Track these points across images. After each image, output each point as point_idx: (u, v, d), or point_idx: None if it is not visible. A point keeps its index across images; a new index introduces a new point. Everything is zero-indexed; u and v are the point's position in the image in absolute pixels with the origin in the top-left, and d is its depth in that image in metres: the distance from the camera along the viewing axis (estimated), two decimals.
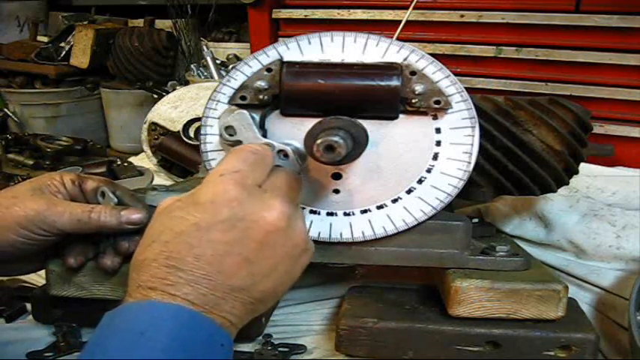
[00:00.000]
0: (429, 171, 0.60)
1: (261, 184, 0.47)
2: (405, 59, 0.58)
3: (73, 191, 0.62)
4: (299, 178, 0.52)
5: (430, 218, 0.61)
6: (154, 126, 1.17)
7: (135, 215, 0.59)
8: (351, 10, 1.18)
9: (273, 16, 1.26)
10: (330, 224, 0.62)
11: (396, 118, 0.58)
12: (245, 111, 0.57)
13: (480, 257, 0.64)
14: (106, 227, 0.59)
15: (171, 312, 0.39)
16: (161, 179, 1.22)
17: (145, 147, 1.20)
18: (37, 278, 0.82)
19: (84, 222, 0.58)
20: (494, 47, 1.07)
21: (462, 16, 1.08)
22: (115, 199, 0.62)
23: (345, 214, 0.62)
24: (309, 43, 0.59)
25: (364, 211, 0.61)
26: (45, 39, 2.08)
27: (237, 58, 1.69)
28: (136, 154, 1.44)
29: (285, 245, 0.44)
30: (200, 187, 0.44)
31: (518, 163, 0.67)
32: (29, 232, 0.57)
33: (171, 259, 0.41)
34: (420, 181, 0.60)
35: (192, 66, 1.58)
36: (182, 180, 1.12)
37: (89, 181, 0.63)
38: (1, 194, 0.59)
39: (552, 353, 0.62)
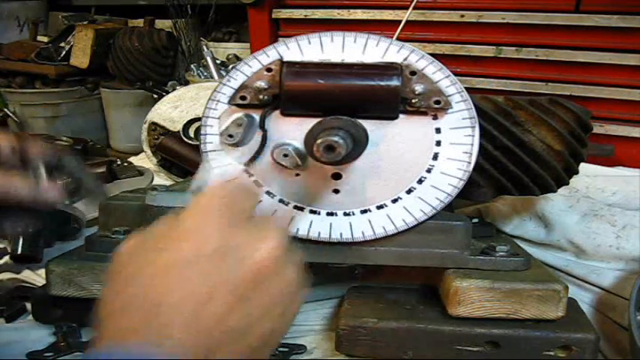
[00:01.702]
0: (429, 171, 0.60)
1: (250, 217, 0.41)
2: (405, 59, 0.58)
3: (7, 159, 0.57)
4: (289, 218, 0.49)
5: (430, 218, 0.61)
6: (154, 126, 1.17)
7: (52, 192, 0.56)
8: (351, 10, 1.18)
9: (273, 16, 1.26)
10: (330, 224, 0.62)
11: (396, 118, 0.58)
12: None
13: (480, 257, 0.64)
14: (22, 201, 0.55)
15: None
16: (161, 179, 1.22)
17: (145, 147, 1.20)
18: (37, 278, 0.82)
19: (3, 196, 0.54)
20: (494, 47, 1.07)
21: (462, 16, 1.08)
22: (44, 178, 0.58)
23: (345, 214, 0.62)
24: (309, 43, 0.59)
25: (364, 211, 0.61)
26: (45, 39, 2.08)
27: (237, 58, 1.69)
28: (136, 154, 1.44)
29: (281, 281, 0.38)
30: (181, 219, 0.38)
31: (518, 163, 0.67)
32: None
33: (155, 299, 0.33)
34: (420, 181, 0.60)
35: (192, 66, 1.58)
36: (182, 180, 1.12)
37: (32, 146, 0.58)
38: None
39: (552, 353, 0.62)
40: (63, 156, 0.60)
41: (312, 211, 0.62)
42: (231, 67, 1.57)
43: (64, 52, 1.90)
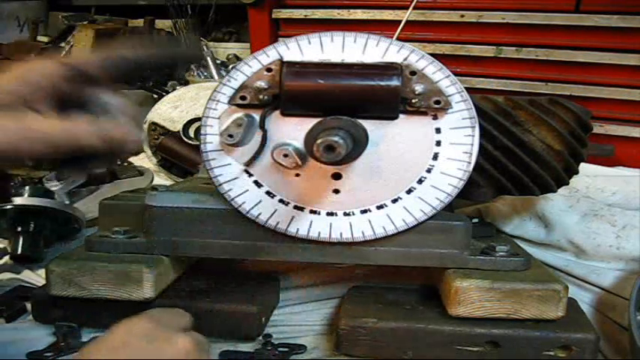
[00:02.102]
0: (429, 171, 0.60)
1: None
2: (405, 59, 0.58)
3: (63, 90, 0.47)
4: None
5: (430, 218, 0.61)
6: (154, 126, 1.17)
7: (117, 130, 0.47)
8: (351, 10, 1.18)
9: (273, 16, 1.26)
10: (330, 224, 0.62)
11: (396, 118, 0.58)
12: None
13: (480, 257, 0.64)
14: (89, 147, 0.45)
15: None
16: (161, 179, 1.22)
17: (145, 147, 1.20)
18: (37, 278, 0.82)
19: (63, 145, 0.44)
20: (494, 47, 1.07)
21: (462, 16, 1.08)
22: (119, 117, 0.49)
23: (345, 214, 0.62)
24: (309, 43, 0.59)
25: (364, 211, 0.61)
26: (45, 39, 2.08)
27: (237, 58, 1.69)
28: (136, 154, 1.44)
29: None
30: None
31: (518, 163, 0.67)
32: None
33: None
34: (420, 181, 0.60)
35: (192, 66, 1.58)
36: (182, 180, 1.12)
37: (87, 65, 0.49)
38: None
39: (552, 353, 0.62)
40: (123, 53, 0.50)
41: (312, 211, 0.62)
42: (231, 67, 1.57)
43: (64, 52, 1.90)
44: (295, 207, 0.62)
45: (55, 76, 0.46)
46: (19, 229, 0.86)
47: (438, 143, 0.59)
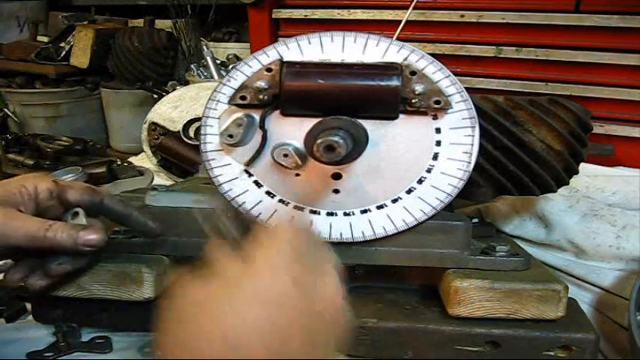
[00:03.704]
0: (429, 171, 0.60)
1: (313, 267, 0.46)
2: (405, 59, 0.58)
3: (46, 203, 0.58)
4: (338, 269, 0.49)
5: (430, 218, 0.61)
6: (154, 126, 1.17)
7: (92, 236, 0.56)
8: (351, 10, 1.18)
9: (273, 16, 1.26)
10: (330, 224, 0.62)
11: (396, 118, 0.58)
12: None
13: (480, 257, 0.64)
14: (60, 247, 0.55)
15: None
16: (161, 179, 1.22)
17: (145, 147, 1.20)
18: None
19: (38, 240, 0.54)
20: (494, 47, 1.07)
21: (462, 16, 1.08)
22: (84, 221, 0.59)
23: (345, 214, 0.62)
24: (309, 43, 0.59)
25: (364, 211, 0.61)
26: (45, 39, 2.09)
27: (237, 58, 1.70)
28: (136, 154, 1.44)
29: (339, 321, 0.46)
30: (251, 256, 0.41)
31: (518, 163, 0.67)
32: None
33: (232, 338, 0.36)
34: (420, 181, 0.60)
35: (192, 66, 1.58)
36: (182, 180, 1.12)
37: (70, 191, 0.59)
38: None
39: (552, 353, 0.62)
40: (104, 198, 0.60)
41: (312, 211, 0.62)
42: (231, 67, 1.57)
43: (64, 52, 1.91)
44: (295, 207, 0.62)
45: (45, 190, 0.58)
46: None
47: (438, 143, 0.59)
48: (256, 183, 0.61)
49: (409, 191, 0.60)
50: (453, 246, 0.63)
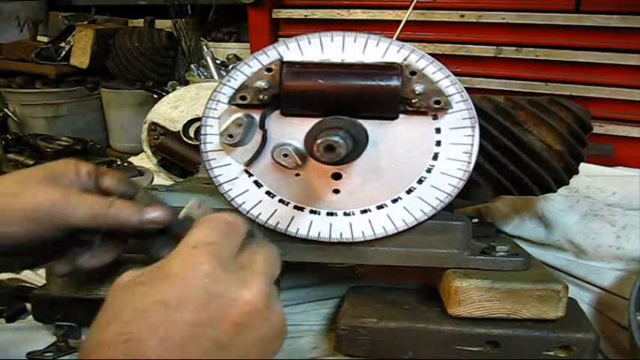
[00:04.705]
0: (429, 171, 0.60)
1: (237, 258, 0.41)
2: (405, 59, 0.58)
3: (88, 185, 0.55)
4: (276, 253, 0.45)
5: (430, 218, 0.61)
6: (154, 126, 1.17)
7: (157, 214, 0.52)
8: (351, 10, 1.18)
9: (273, 16, 1.26)
10: (330, 224, 0.62)
11: (396, 118, 0.58)
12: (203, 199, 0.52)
13: (480, 257, 0.64)
14: (125, 225, 0.51)
15: None
16: (161, 179, 1.22)
17: (145, 147, 1.20)
18: (37, 278, 0.82)
19: (101, 218, 0.51)
20: (494, 47, 1.07)
21: (462, 16, 1.08)
22: (146, 200, 0.56)
23: (345, 214, 0.62)
24: (309, 43, 0.59)
25: (364, 211, 0.61)
26: (45, 39, 2.09)
27: (237, 58, 1.69)
28: (136, 154, 1.44)
29: (262, 328, 0.38)
30: (169, 259, 0.38)
31: (518, 163, 0.67)
32: (37, 225, 0.49)
33: (132, 342, 0.34)
34: (420, 181, 0.60)
35: (192, 66, 1.58)
36: (182, 180, 1.12)
37: (106, 177, 0.56)
38: (8, 178, 0.52)
39: (552, 353, 0.62)
40: (138, 193, 0.57)
41: (312, 211, 0.62)
42: (231, 67, 1.57)
43: (64, 52, 1.90)
44: (295, 207, 0.62)
45: (86, 173, 0.55)
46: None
47: (438, 143, 0.59)
48: (256, 183, 0.61)
49: (409, 191, 0.60)
50: (453, 246, 0.63)
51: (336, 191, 0.61)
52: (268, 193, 0.61)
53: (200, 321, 0.35)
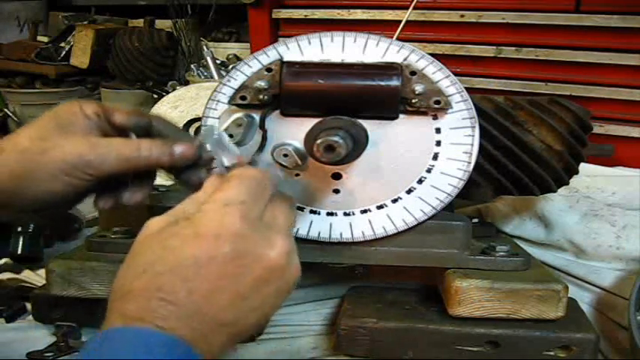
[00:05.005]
0: (429, 171, 0.60)
1: (263, 216, 0.44)
2: (405, 59, 0.58)
3: (101, 125, 0.53)
4: (294, 206, 0.48)
5: (430, 218, 0.61)
6: None
7: (186, 148, 0.52)
8: (351, 10, 1.18)
9: (273, 16, 1.26)
10: (330, 224, 0.62)
11: (396, 118, 0.59)
12: (214, 125, 0.53)
13: (480, 257, 0.64)
14: (157, 164, 0.52)
15: (165, 343, 0.36)
16: (161, 179, 1.22)
17: None
18: (37, 278, 0.82)
19: (134, 161, 0.51)
20: (494, 47, 1.06)
21: (462, 16, 1.08)
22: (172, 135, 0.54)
23: (345, 214, 0.62)
24: (309, 43, 0.59)
25: (364, 211, 0.61)
26: (45, 39, 2.08)
27: (237, 58, 1.69)
28: None
29: (279, 281, 0.42)
30: (202, 215, 0.41)
31: (518, 163, 0.67)
32: (72, 178, 0.49)
33: (163, 292, 0.37)
34: (420, 181, 0.60)
35: (192, 66, 1.58)
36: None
37: (116, 114, 0.54)
38: (23, 135, 0.51)
39: (552, 353, 0.62)
40: (152, 120, 0.56)
41: (312, 211, 0.62)
42: (231, 67, 1.57)
43: (64, 52, 1.90)
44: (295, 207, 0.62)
45: (93, 114, 0.53)
46: (19, 229, 0.86)
47: (438, 143, 0.59)
48: None
49: (409, 191, 0.60)
50: (453, 246, 0.63)
51: (336, 191, 0.61)
52: None
53: (226, 275, 0.39)
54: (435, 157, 0.60)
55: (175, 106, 1.16)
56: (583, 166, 0.71)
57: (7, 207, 0.52)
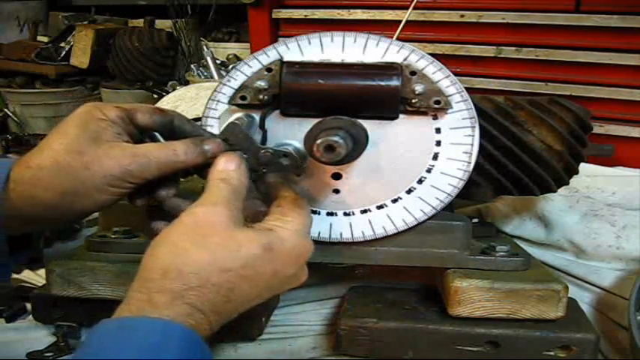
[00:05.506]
0: (429, 171, 0.60)
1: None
2: (405, 59, 0.58)
3: (126, 128, 0.54)
4: (307, 206, 0.52)
5: (430, 218, 0.61)
6: None
7: (216, 147, 0.54)
8: (351, 10, 1.18)
9: (273, 16, 1.26)
10: (330, 224, 0.62)
11: (396, 118, 0.58)
12: (237, 122, 0.55)
13: (480, 257, 0.64)
14: (192, 165, 0.54)
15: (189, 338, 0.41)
16: None
17: None
18: (37, 278, 0.82)
19: (171, 165, 0.52)
20: (494, 47, 1.06)
21: (462, 16, 1.08)
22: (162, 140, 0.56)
23: (345, 214, 0.62)
24: (309, 43, 0.59)
25: (364, 211, 0.61)
26: (45, 39, 2.08)
27: (237, 58, 1.69)
28: None
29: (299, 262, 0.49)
30: (285, 234, 0.47)
31: (518, 163, 0.67)
32: (116, 188, 0.51)
33: (232, 293, 0.43)
34: (420, 181, 0.60)
35: (192, 66, 1.58)
36: (182, 180, 1.12)
37: (138, 114, 0.55)
38: (57, 148, 0.51)
39: (552, 353, 0.62)
40: (174, 117, 0.56)
41: (312, 211, 0.62)
42: (231, 67, 1.57)
43: (64, 52, 1.90)
44: None
45: (116, 117, 0.54)
46: None
47: (438, 143, 0.59)
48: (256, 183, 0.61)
49: (409, 191, 0.60)
50: (453, 246, 0.63)
51: (336, 191, 0.61)
52: None
53: (272, 287, 0.47)
54: (435, 157, 0.60)
55: (175, 106, 1.16)
56: (583, 166, 0.71)
57: (56, 220, 0.54)
